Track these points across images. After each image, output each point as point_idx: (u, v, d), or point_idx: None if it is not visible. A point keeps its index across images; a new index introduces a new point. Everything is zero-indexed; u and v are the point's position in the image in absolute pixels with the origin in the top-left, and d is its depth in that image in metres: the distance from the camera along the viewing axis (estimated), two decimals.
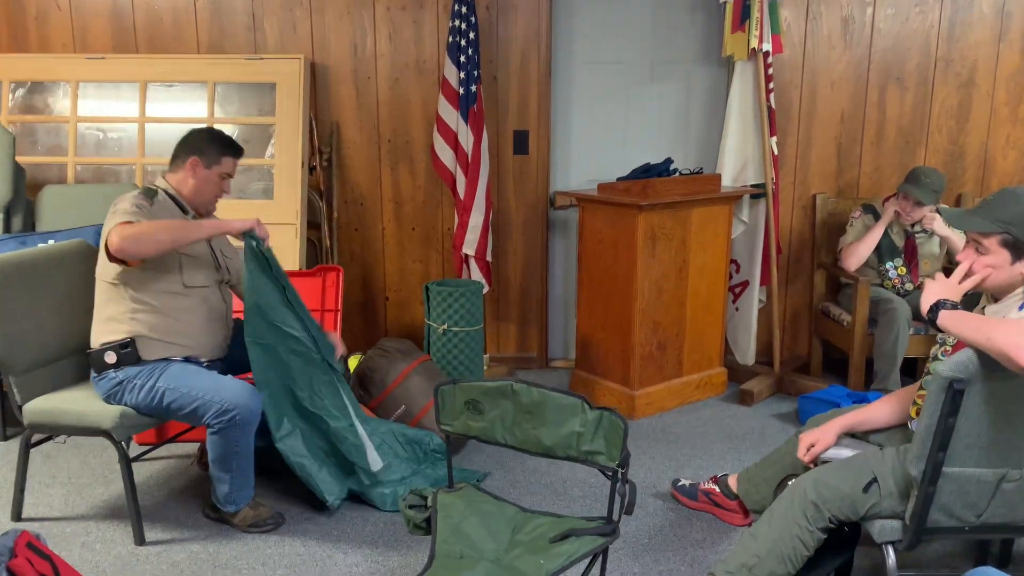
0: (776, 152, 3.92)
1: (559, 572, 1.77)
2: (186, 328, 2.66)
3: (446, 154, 3.91)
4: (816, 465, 2.24)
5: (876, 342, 3.63)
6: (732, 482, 2.78)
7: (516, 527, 1.95)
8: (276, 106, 3.91)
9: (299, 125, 3.87)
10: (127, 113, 3.96)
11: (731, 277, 4.09)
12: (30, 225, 3.67)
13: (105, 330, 2.61)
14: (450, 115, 3.87)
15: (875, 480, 2.00)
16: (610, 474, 1.84)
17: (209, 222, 2.63)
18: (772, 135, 3.87)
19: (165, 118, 3.95)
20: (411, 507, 2.01)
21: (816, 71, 4.05)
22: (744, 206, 3.97)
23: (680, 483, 2.95)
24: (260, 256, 2.65)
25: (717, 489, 2.82)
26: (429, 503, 2.00)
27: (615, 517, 1.87)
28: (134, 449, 3.28)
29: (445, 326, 3.56)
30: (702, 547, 2.64)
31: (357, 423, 2.83)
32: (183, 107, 3.95)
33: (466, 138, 3.84)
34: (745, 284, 4.10)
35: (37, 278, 2.71)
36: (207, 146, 2.72)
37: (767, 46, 3.77)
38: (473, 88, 3.81)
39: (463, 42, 3.78)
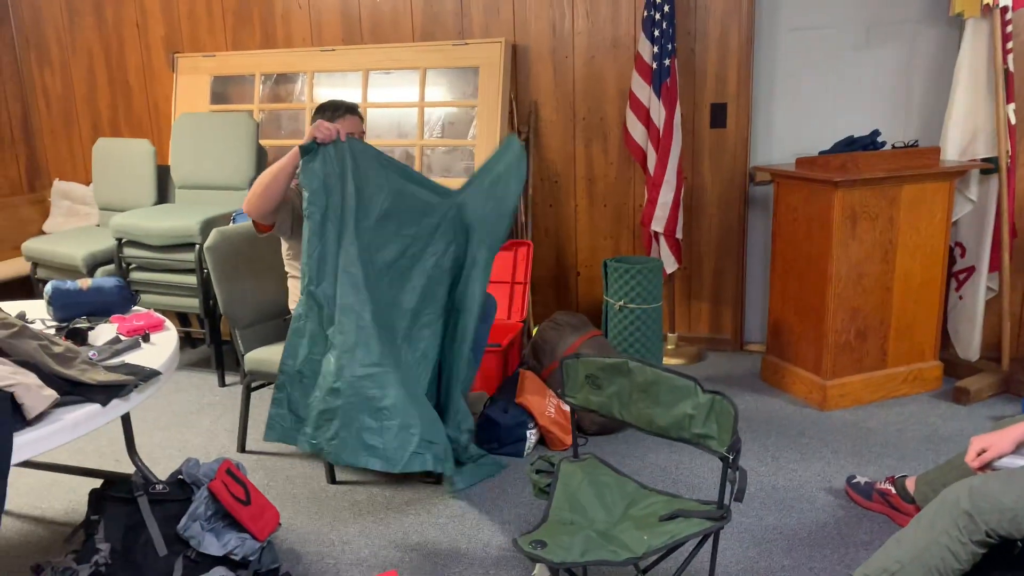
0: (1014, 121, 3.45)
1: (661, 550, 1.77)
2: None
3: (637, 130, 3.90)
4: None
5: None
6: (910, 484, 2.56)
7: (632, 502, 1.97)
8: (478, 89, 4.13)
9: (499, 106, 4.06)
10: (352, 99, 4.38)
11: (954, 262, 3.68)
12: None
13: (293, 299, 2.99)
14: (643, 90, 3.85)
15: None
16: (721, 459, 1.80)
17: (287, 155, 2.69)
18: (1009, 102, 3.41)
19: (383, 103, 4.33)
20: (538, 472, 2.11)
21: None
22: (972, 183, 3.54)
23: (855, 480, 2.76)
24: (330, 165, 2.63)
25: (893, 490, 2.61)
26: (555, 469, 2.09)
27: (726, 502, 1.83)
28: None
29: (622, 303, 3.58)
30: (866, 549, 2.46)
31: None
32: (398, 92, 4.30)
33: (658, 113, 3.80)
34: (971, 270, 3.67)
35: (257, 248, 3.14)
36: (327, 109, 2.98)
37: (1006, 0, 3.32)
38: (667, 62, 3.75)
39: (657, 16, 3.73)
